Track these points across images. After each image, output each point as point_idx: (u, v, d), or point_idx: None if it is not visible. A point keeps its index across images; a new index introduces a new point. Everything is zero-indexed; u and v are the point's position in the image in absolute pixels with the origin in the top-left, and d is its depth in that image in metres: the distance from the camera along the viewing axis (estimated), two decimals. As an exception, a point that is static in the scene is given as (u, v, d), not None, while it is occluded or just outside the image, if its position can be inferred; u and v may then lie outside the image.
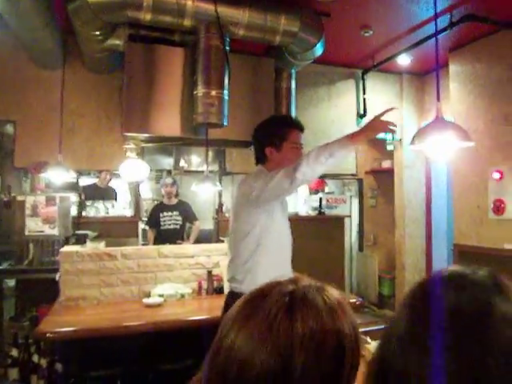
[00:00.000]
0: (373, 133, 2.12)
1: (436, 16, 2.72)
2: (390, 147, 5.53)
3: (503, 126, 4.05)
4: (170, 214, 5.17)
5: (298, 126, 2.42)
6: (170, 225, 5.15)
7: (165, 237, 4.95)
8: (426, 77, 5.34)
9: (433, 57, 4.57)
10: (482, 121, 4.24)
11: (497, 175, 4.09)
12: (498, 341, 0.55)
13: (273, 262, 2.30)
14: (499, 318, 0.57)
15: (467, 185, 4.41)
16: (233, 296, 2.33)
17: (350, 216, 6.41)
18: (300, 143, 2.40)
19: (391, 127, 2.13)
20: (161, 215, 5.15)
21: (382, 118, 2.14)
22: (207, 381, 0.73)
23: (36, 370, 3.38)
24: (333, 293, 0.79)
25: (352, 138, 2.09)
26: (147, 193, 6.88)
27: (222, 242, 4.30)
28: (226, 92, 3.26)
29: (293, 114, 4.07)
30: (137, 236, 4.83)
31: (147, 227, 5.26)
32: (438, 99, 2.31)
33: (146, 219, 5.34)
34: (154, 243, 4.95)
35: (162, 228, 5.13)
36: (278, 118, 2.57)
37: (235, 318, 0.75)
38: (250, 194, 2.25)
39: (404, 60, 4.73)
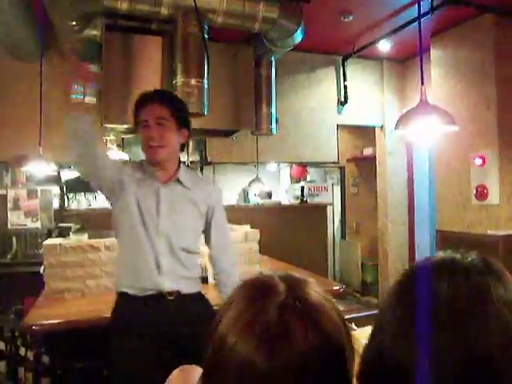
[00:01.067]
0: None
1: (419, -2, 2.68)
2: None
3: (485, 112, 4.09)
4: None
5: (143, 99, 2.04)
6: None
7: None
8: (407, 63, 5.37)
9: (413, 43, 4.62)
10: (464, 106, 4.27)
11: (479, 161, 4.10)
12: (497, 322, 0.56)
13: (126, 260, 2.10)
14: (496, 300, 0.58)
15: (449, 171, 4.45)
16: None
17: (332, 204, 6.47)
18: (149, 118, 1.99)
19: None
20: None
21: None
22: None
23: (23, 362, 3.39)
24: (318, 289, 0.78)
25: None
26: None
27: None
28: (205, 81, 3.25)
29: (273, 103, 4.07)
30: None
31: None
32: (422, 82, 2.26)
33: None
34: None
35: None
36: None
37: (233, 326, 0.72)
38: None
39: (384, 46, 4.75)
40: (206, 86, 3.25)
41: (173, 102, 2.08)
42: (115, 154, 4.11)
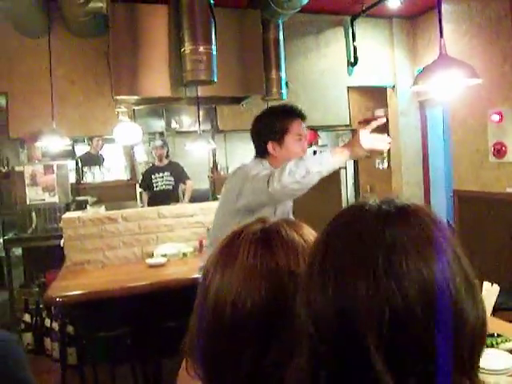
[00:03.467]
0: (361, 151, 1.81)
1: None
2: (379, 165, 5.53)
3: (501, 67, 3.98)
4: (161, 175, 5.24)
5: (300, 115, 2.19)
6: (162, 186, 5.23)
7: (159, 198, 5.01)
8: (417, 19, 5.23)
9: (423, -2, 4.50)
10: (480, 61, 4.10)
11: (496, 117, 4.00)
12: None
13: None
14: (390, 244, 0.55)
15: (465, 128, 4.38)
16: None
17: (345, 168, 6.44)
18: (303, 134, 2.17)
19: (381, 146, 1.85)
20: (153, 177, 5.22)
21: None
22: (202, 330, 0.74)
23: (49, 333, 3.52)
24: (308, 231, 0.81)
25: (335, 156, 1.82)
26: (141, 156, 6.91)
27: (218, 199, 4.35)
28: (213, 47, 3.22)
29: (282, 66, 4.03)
30: (135, 199, 4.89)
31: (141, 190, 5.34)
32: (442, 35, 2.14)
33: (140, 182, 5.41)
34: (148, 205, 5.02)
35: (155, 190, 5.21)
36: (276, 108, 2.26)
37: (216, 263, 0.76)
38: (232, 191, 2.08)
39: (394, 3, 4.60)
40: (214, 52, 3.22)
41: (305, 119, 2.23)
42: (128, 125, 4.12)
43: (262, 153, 2.18)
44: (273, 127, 2.14)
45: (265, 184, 1.85)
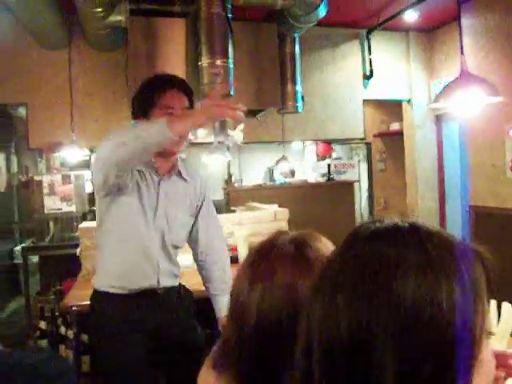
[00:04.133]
0: (200, 118, 1.57)
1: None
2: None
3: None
4: None
5: (170, 84, 1.91)
6: None
7: None
8: (434, 33, 5.22)
9: (441, 11, 4.50)
10: (497, 76, 4.07)
11: (514, 132, 3.96)
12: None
13: (116, 260, 1.95)
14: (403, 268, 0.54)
15: (483, 143, 4.34)
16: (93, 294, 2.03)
17: (358, 181, 6.43)
18: (176, 106, 1.86)
19: (233, 112, 1.58)
20: None
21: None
22: (244, 344, 0.76)
23: (64, 340, 3.54)
24: (329, 244, 0.83)
25: (172, 124, 1.54)
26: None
27: (234, 211, 4.37)
28: (230, 61, 3.25)
29: (298, 80, 4.06)
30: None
31: None
32: (462, 52, 2.15)
33: None
34: None
35: None
36: (146, 81, 2.00)
37: (251, 279, 0.78)
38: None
39: (411, 16, 4.60)
40: (231, 65, 3.25)
41: (191, 92, 1.98)
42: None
43: None
44: (138, 103, 1.94)
45: (97, 153, 1.79)
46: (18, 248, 5.22)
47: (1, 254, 5.25)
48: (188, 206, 2.06)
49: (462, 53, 2.16)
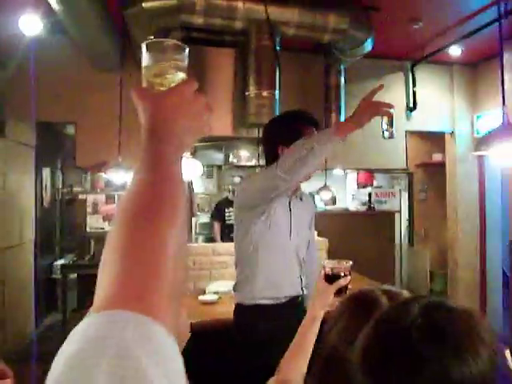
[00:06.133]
0: (362, 118, 1.83)
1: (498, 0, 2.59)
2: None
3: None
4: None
5: (313, 122, 2.19)
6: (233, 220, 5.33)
7: (229, 231, 5.10)
8: (478, 67, 5.18)
9: (485, 47, 4.48)
10: (540, 112, 4.07)
11: (556, 168, 3.91)
12: None
13: (272, 272, 2.13)
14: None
15: (524, 178, 4.25)
16: (237, 308, 2.22)
17: (399, 211, 6.35)
18: None
19: (386, 109, 1.87)
20: (226, 210, 5.34)
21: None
22: None
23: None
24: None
25: (338, 128, 1.86)
26: (199, 188, 7.08)
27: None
28: (277, 92, 3.30)
29: (342, 110, 4.07)
30: (190, 231, 4.99)
31: (209, 220, 5.50)
32: (504, 102, 2.15)
33: (212, 212, 5.55)
34: (221, 236, 5.19)
35: (226, 222, 5.31)
36: (291, 113, 2.25)
37: (342, 332, 0.84)
38: (243, 196, 2.16)
39: (455, 51, 4.61)
40: (277, 97, 3.31)
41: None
42: (189, 160, 4.25)
43: (271, 158, 2.14)
44: (285, 131, 2.13)
45: (273, 169, 1.92)
46: (58, 263, 5.34)
47: (40, 269, 5.37)
48: (309, 222, 2.34)
49: (502, 90, 2.17)
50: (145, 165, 0.62)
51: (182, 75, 0.73)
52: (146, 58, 0.72)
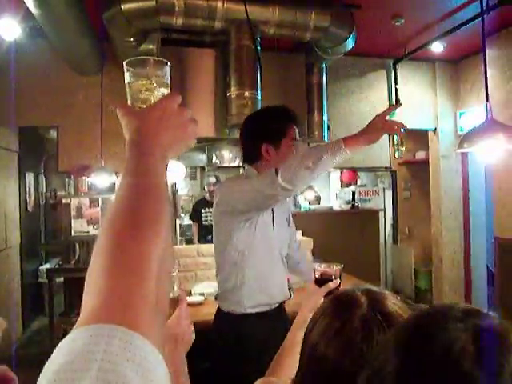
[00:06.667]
0: (373, 135, 1.77)
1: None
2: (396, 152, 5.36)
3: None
4: (211, 209, 5.33)
5: (297, 121, 2.12)
6: (210, 220, 5.32)
7: (206, 232, 5.09)
8: (461, 63, 5.22)
9: (467, 43, 4.51)
10: (523, 108, 4.09)
11: (540, 164, 3.92)
12: None
13: (261, 278, 2.05)
14: None
15: (509, 175, 4.28)
16: (224, 317, 2.12)
17: (383, 210, 6.38)
18: (297, 139, 2.09)
19: (397, 127, 1.80)
20: (202, 211, 5.34)
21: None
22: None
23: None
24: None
25: (347, 142, 1.76)
26: (182, 190, 7.07)
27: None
28: (258, 92, 3.30)
29: (325, 110, 4.08)
30: (175, 233, 4.97)
31: (190, 221, 5.48)
32: (488, 98, 2.13)
33: (190, 213, 5.54)
34: (198, 238, 5.15)
35: (203, 223, 5.31)
36: (275, 110, 2.12)
37: (323, 330, 0.87)
38: (229, 201, 2.02)
39: (437, 47, 4.63)
40: (259, 97, 3.30)
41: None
42: (172, 163, 4.25)
43: (252, 156, 2.07)
44: (270, 128, 2.04)
45: (273, 176, 1.79)
46: (44, 268, 5.30)
47: (26, 273, 5.33)
48: (287, 220, 2.28)
49: (486, 86, 2.17)
50: (128, 176, 0.65)
51: (164, 90, 0.77)
52: (128, 76, 0.76)
